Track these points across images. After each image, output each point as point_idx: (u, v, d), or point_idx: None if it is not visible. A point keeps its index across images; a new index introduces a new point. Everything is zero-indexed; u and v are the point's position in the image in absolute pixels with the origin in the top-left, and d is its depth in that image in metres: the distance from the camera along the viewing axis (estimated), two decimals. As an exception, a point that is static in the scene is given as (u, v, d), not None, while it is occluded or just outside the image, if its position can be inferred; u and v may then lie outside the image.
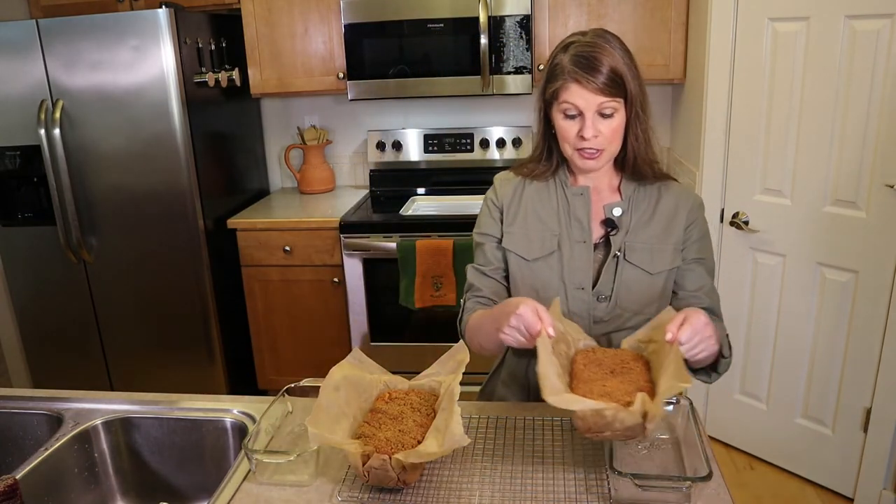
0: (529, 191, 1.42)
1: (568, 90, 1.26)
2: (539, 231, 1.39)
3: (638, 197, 1.39)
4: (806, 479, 2.41)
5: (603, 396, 1.03)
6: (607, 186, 1.40)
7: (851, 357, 2.20)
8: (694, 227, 1.39)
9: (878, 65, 1.96)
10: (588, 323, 1.36)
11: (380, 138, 3.12)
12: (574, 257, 1.36)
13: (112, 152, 2.57)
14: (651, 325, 1.24)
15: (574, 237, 1.36)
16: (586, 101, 1.25)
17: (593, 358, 1.18)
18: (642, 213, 1.38)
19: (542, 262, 1.37)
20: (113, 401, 1.40)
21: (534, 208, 1.40)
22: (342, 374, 1.20)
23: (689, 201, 1.39)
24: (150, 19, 2.43)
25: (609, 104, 1.26)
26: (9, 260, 2.80)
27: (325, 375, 1.19)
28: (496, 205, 1.45)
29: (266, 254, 2.78)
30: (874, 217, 2.06)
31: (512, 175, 1.47)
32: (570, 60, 1.26)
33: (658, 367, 1.12)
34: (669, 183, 1.41)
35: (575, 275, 1.35)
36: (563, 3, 2.67)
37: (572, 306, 1.36)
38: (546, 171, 1.41)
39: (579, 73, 1.24)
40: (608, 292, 1.35)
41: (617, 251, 1.35)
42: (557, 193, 1.40)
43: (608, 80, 1.24)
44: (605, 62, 1.24)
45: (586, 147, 1.29)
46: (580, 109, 1.26)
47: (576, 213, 1.37)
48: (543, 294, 1.36)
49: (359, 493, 1.08)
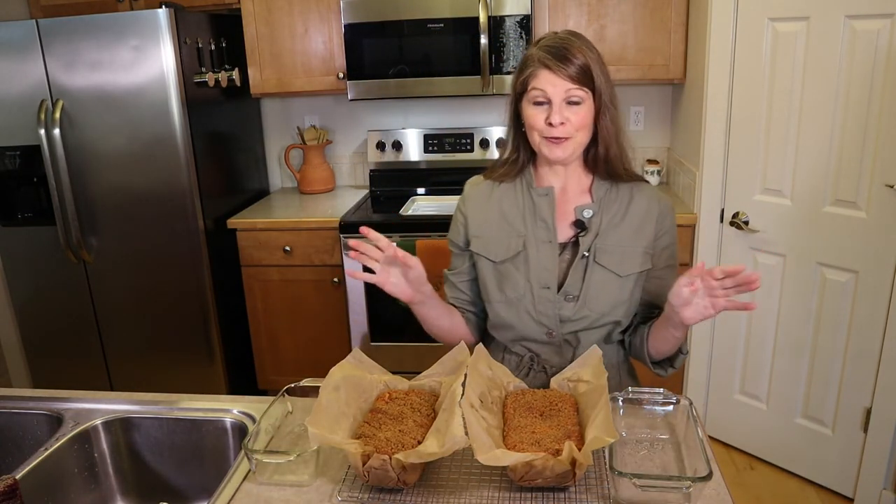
0: (497, 194, 1.44)
1: (537, 77, 1.30)
2: (506, 233, 1.40)
3: (609, 198, 1.39)
4: (806, 479, 2.41)
5: (533, 445, 1.07)
6: (577, 187, 1.41)
7: (851, 357, 2.20)
8: (666, 234, 1.41)
9: (878, 65, 1.96)
10: (555, 322, 1.38)
11: (380, 138, 3.12)
12: (540, 257, 1.37)
13: (112, 152, 2.57)
14: (579, 364, 1.28)
15: (540, 237, 1.38)
16: (554, 87, 1.28)
17: (523, 401, 1.21)
18: (613, 214, 1.38)
19: (508, 264, 1.39)
20: (113, 401, 1.40)
21: (501, 211, 1.42)
22: (342, 374, 1.21)
23: (661, 205, 1.41)
24: (150, 19, 2.43)
25: (577, 92, 1.29)
26: (9, 260, 2.80)
27: (325, 375, 1.19)
28: (462, 213, 1.48)
29: (266, 254, 2.78)
30: (874, 217, 2.06)
31: (481, 179, 1.50)
32: (540, 50, 1.31)
33: (586, 407, 1.16)
34: (641, 185, 1.42)
35: (541, 275, 1.37)
36: (563, 3, 2.67)
37: (539, 306, 1.37)
38: (512, 171, 1.43)
39: (549, 59, 1.28)
40: (576, 292, 1.36)
41: (585, 252, 1.36)
42: (523, 195, 1.42)
43: (577, 69, 1.28)
44: (574, 53, 1.29)
45: (554, 134, 1.30)
46: (548, 97, 1.29)
47: (541, 213, 1.38)
48: (511, 295, 1.39)
49: (359, 493, 1.08)
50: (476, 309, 1.51)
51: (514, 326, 1.41)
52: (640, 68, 2.70)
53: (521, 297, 1.38)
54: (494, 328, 1.46)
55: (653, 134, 3.09)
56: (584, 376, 1.24)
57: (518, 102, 1.36)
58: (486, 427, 1.09)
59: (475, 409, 1.10)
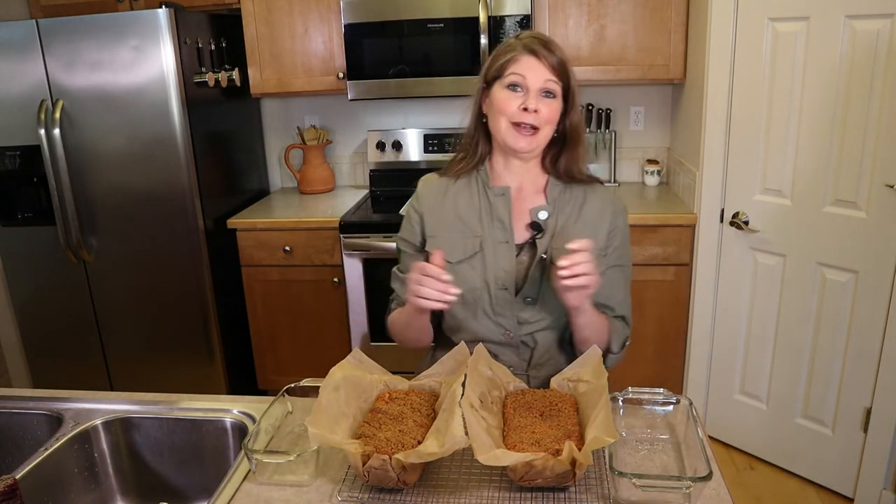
0: (452, 192, 1.43)
1: (518, 62, 1.31)
2: (462, 233, 1.39)
3: (563, 199, 1.39)
4: (806, 479, 2.41)
5: (533, 445, 1.07)
6: (532, 186, 1.41)
7: (851, 357, 2.20)
8: (617, 233, 1.41)
9: (878, 65, 1.96)
10: (513, 323, 1.37)
11: (380, 138, 3.12)
12: (497, 258, 1.37)
13: (112, 152, 2.57)
14: (578, 363, 1.28)
15: (496, 238, 1.37)
16: (536, 74, 1.30)
17: (523, 401, 1.21)
18: (568, 216, 1.38)
19: (465, 264, 1.38)
20: (113, 401, 1.40)
21: (456, 211, 1.41)
22: (342, 374, 1.21)
23: (614, 206, 1.41)
24: (150, 19, 2.43)
25: (554, 84, 1.31)
26: (9, 260, 2.80)
27: (325, 375, 1.19)
28: (417, 211, 1.46)
29: (266, 254, 2.78)
30: (874, 217, 2.06)
31: (436, 177, 1.48)
32: (524, 38, 1.33)
33: (586, 407, 1.16)
34: (595, 186, 1.42)
35: (498, 275, 1.36)
36: (563, 3, 2.67)
37: (497, 307, 1.37)
38: (469, 165, 1.42)
39: (535, 46, 1.30)
40: (534, 294, 1.36)
41: (543, 254, 1.36)
42: (479, 195, 1.41)
43: (558, 62, 1.31)
44: (557, 48, 1.32)
45: (525, 120, 1.30)
46: (527, 84, 1.30)
47: (498, 213, 1.38)
48: (469, 296, 1.37)
49: (359, 493, 1.08)
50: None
51: (471, 327, 1.40)
52: (640, 68, 2.70)
53: (478, 298, 1.37)
54: (451, 329, 1.45)
55: (653, 134, 3.09)
56: (584, 376, 1.24)
57: (485, 91, 1.36)
58: (486, 427, 1.09)
59: (475, 409, 1.10)
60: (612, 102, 3.04)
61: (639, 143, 3.10)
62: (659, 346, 2.69)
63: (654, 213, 2.55)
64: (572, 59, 2.67)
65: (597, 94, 3.04)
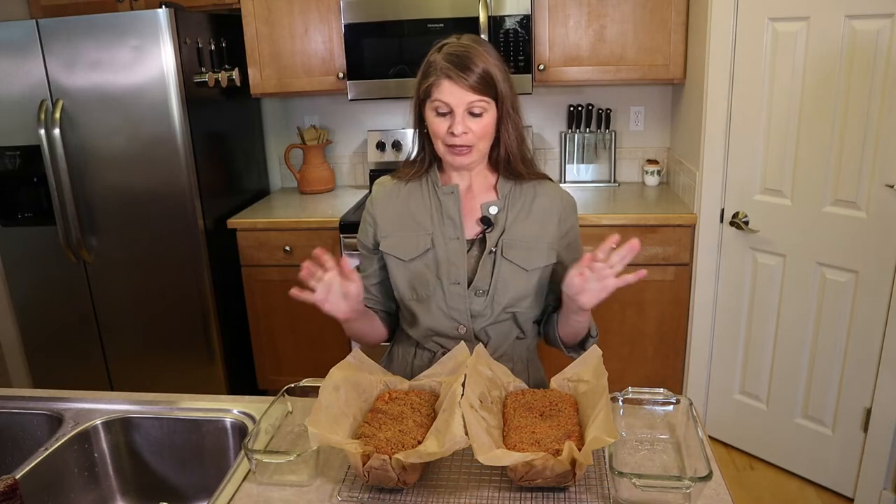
0: (404, 193, 1.46)
1: (439, 87, 1.30)
2: (414, 231, 1.42)
3: (514, 195, 1.42)
4: (806, 479, 2.41)
5: (533, 445, 1.07)
6: (483, 184, 1.44)
7: (851, 357, 2.20)
8: (571, 230, 1.45)
9: (878, 65, 1.96)
10: (466, 317, 1.40)
11: (380, 138, 3.12)
12: (448, 254, 1.39)
13: (112, 152, 2.57)
14: (579, 363, 1.28)
15: (447, 235, 1.40)
16: (457, 99, 1.29)
17: (523, 401, 1.21)
18: (518, 211, 1.41)
19: (418, 261, 1.41)
20: (113, 401, 1.40)
21: (408, 210, 1.44)
22: (342, 374, 1.21)
23: (563, 202, 1.44)
24: (150, 19, 2.43)
25: (479, 103, 1.30)
26: (9, 260, 2.80)
27: (325, 375, 1.19)
28: (370, 214, 1.49)
29: (266, 254, 2.78)
30: (874, 217, 2.06)
31: (388, 179, 1.51)
32: (443, 58, 1.31)
33: (587, 407, 1.16)
34: (544, 182, 1.45)
35: (450, 270, 1.39)
36: (563, 3, 2.67)
37: (450, 301, 1.39)
38: (419, 171, 1.45)
39: (451, 70, 1.28)
40: (485, 287, 1.39)
41: (493, 248, 1.39)
42: (430, 194, 1.43)
43: (479, 79, 1.28)
44: (477, 62, 1.29)
45: (456, 143, 1.32)
46: (451, 107, 1.30)
47: (448, 211, 1.40)
48: (422, 292, 1.41)
49: (359, 493, 1.08)
50: (386, 308, 1.53)
51: (426, 323, 1.42)
52: (640, 68, 2.70)
53: (431, 293, 1.40)
54: (408, 324, 1.48)
55: (653, 134, 3.09)
56: (584, 376, 1.24)
57: (421, 107, 1.38)
58: (486, 427, 1.09)
59: (475, 409, 1.10)
60: (612, 102, 3.05)
61: (639, 143, 3.10)
62: (659, 346, 2.69)
63: (654, 213, 2.55)
64: (572, 59, 2.72)
65: (597, 94, 3.04)
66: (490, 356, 1.30)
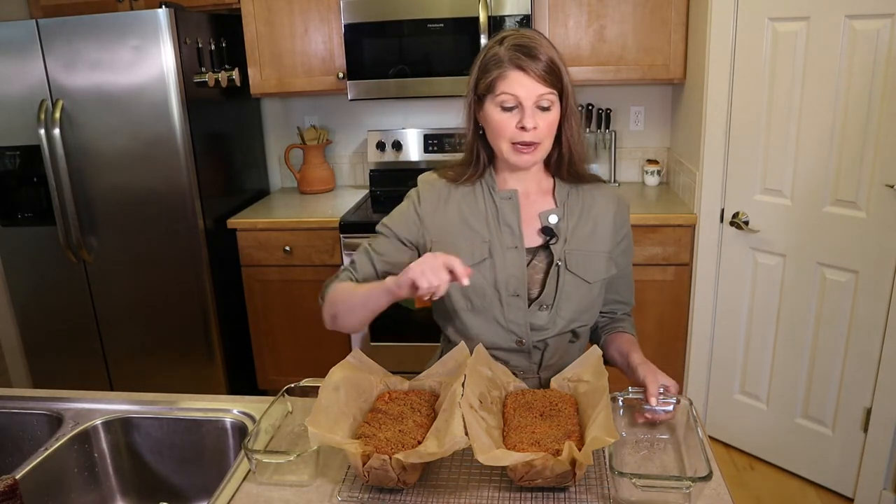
0: (456, 197, 1.38)
1: (507, 79, 1.23)
2: (468, 239, 1.34)
3: (571, 202, 1.37)
4: (806, 479, 2.41)
5: (533, 445, 1.07)
6: (537, 190, 1.38)
7: (851, 357, 2.20)
8: (627, 237, 1.42)
9: (878, 65, 1.96)
10: (525, 330, 1.34)
11: (380, 138, 3.12)
12: (507, 264, 1.33)
13: (112, 152, 2.57)
14: (579, 363, 1.27)
15: (505, 243, 1.33)
16: (526, 91, 1.23)
17: (523, 401, 1.21)
18: (577, 219, 1.36)
19: (474, 271, 1.30)
20: (113, 401, 1.40)
21: (461, 216, 1.36)
22: (342, 374, 1.21)
23: (619, 206, 1.40)
24: (150, 19, 2.43)
25: (547, 96, 1.24)
26: (9, 260, 2.80)
27: (325, 375, 1.19)
28: (417, 212, 1.40)
29: (266, 254, 2.78)
30: (874, 217, 2.06)
31: (436, 177, 1.42)
32: (509, 49, 1.24)
33: (587, 407, 1.16)
34: (600, 186, 1.41)
35: (509, 282, 1.32)
36: (563, 3, 2.67)
37: (508, 314, 1.33)
38: (473, 176, 1.37)
39: (521, 59, 1.22)
40: (550, 301, 1.33)
41: (559, 260, 1.33)
42: (485, 199, 1.36)
43: (547, 68, 1.23)
44: (543, 51, 1.24)
45: (525, 139, 1.25)
46: (519, 100, 1.24)
47: (505, 218, 1.34)
48: (478, 303, 1.34)
49: (359, 493, 1.08)
50: None
51: (482, 335, 1.35)
52: (640, 68, 2.70)
53: (488, 305, 1.33)
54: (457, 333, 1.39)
55: (653, 134, 3.09)
56: (584, 376, 1.24)
57: (478, 105, 1.30)
58: (486, 427, 1.09)
59: (474, 409, 1.10)
60: (612, 102, 3.04)
61: (639, 143, 3.10)
62: (659, 346, 2.69)
63: (654, 213, 2.55)
64: (572, 59, 2.71)
65: (597, 94, 3.04)
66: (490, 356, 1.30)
